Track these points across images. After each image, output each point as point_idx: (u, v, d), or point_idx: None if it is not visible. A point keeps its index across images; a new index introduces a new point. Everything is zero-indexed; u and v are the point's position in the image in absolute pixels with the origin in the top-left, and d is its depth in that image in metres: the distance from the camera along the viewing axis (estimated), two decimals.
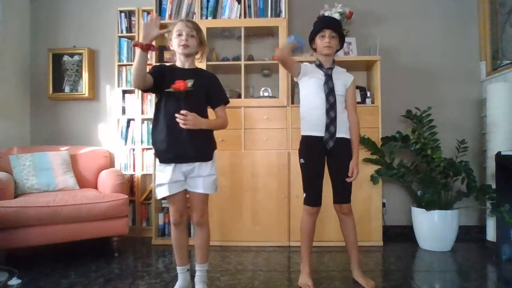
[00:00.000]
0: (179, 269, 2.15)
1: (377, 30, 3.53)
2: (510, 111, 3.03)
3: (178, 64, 2.05)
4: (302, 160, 2.28)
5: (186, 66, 2.04)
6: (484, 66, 3.51)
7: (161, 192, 2.01)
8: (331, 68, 2.27)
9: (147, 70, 1.90)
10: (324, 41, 2.23)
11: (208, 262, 2.17)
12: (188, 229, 2.56)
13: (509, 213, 2.62)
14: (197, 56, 2.09)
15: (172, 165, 1.97)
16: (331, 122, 2.20)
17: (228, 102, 2.16)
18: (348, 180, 2.25)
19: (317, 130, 2.22)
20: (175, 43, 2.01)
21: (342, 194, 2.28)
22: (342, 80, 2.29)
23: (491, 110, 3.14)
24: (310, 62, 2.35)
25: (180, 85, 1.87)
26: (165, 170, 1.98)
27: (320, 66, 2.28)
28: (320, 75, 2.25)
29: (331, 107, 2.20)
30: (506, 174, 2.75)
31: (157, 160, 2.04)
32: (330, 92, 2.21)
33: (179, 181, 2.00)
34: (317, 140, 2.22)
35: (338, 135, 2.21)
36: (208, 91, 2.05)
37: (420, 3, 3.62)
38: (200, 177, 2.00)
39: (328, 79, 2.24)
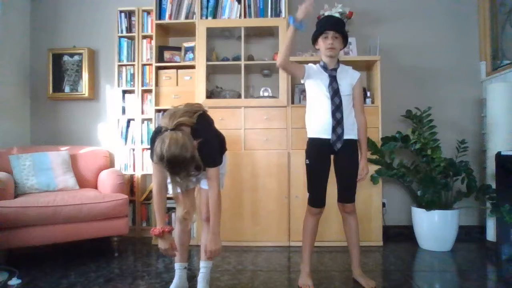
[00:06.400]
0: (177, 265, 2.15)
1: (377, 30, 3.53)
2: (510, 111, 3.03)
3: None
4: (307, 161, 2.28)
5: None
6: (484, 66, 3.51)
7: (174, 188, 2.01)
8: (335, 69, 2.26)
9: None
10: (327, 42, 2.21)
11: (212, 261, 2.18)
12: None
13: (509, 213, 2.62)
14: None
15: None
16: (337, 123, 2.19)
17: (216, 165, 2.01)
18: (358, 180, 2.28)
19: (324, 133, 2.21)
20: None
21: (347, 194, 2.29)
22: (348, 79, 2.27)
23: (491, 110, 3.14)
24: (314, 62, 2.33)
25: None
26: None
27: (324, 67, 2.26)
28: (324, 77, 2.24)
29: (336, 108, 2.19)
30: (506, 174, 2.75)
31: None
32: (335, 93, 2.20)
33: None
34: (324, 142, 2.22)
35: (346, 137, 2.21)
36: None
37: (420, 3, 3.62)
38: None
39: (333, 80, 2.22)
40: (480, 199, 3.14)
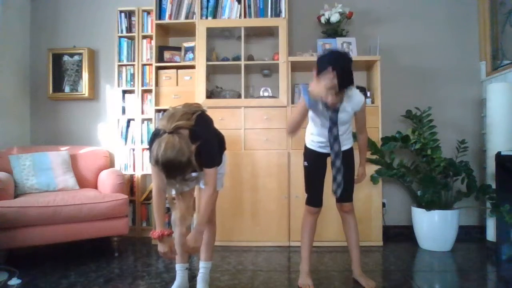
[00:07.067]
0: (178, 266, 2.15)
1: (377, 30, 3.53)
2: (510, 111, 3.03)
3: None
4: (305, 163, 2.30)
5: None
6: (484, 66, 3.51)
7: (169, 190, 2.00)
8: (337, 110, 2.10)
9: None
10: (329, 98, 1.93)
11: (212, 261, 2.18)
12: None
13: (509, 213, 2.62)
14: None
15: None
16: (336, 156, 2.16)
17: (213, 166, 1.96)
18: (355, 182, 2.32)
19: (324, 149, 2.25)
20: None
21: (344, 193, 2.29)
22: (349, 110, 2.15)
23: (491, 110, 3.13)
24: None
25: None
26: None
27: (326, 106, 2.07)
28: (324, 116, 2.13)
29: (335, 140, 2.14)
30: (506, 174, 2.75)
31: None
32: (333, 124, 2.12)
33: None
34: (323, 153, 2.26)
35: (343, 149, 2.21)
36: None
37: (420, 3, 3.62)
38: None
39: (333, 126, 2.12)
40: (480, 199, 3.14)
